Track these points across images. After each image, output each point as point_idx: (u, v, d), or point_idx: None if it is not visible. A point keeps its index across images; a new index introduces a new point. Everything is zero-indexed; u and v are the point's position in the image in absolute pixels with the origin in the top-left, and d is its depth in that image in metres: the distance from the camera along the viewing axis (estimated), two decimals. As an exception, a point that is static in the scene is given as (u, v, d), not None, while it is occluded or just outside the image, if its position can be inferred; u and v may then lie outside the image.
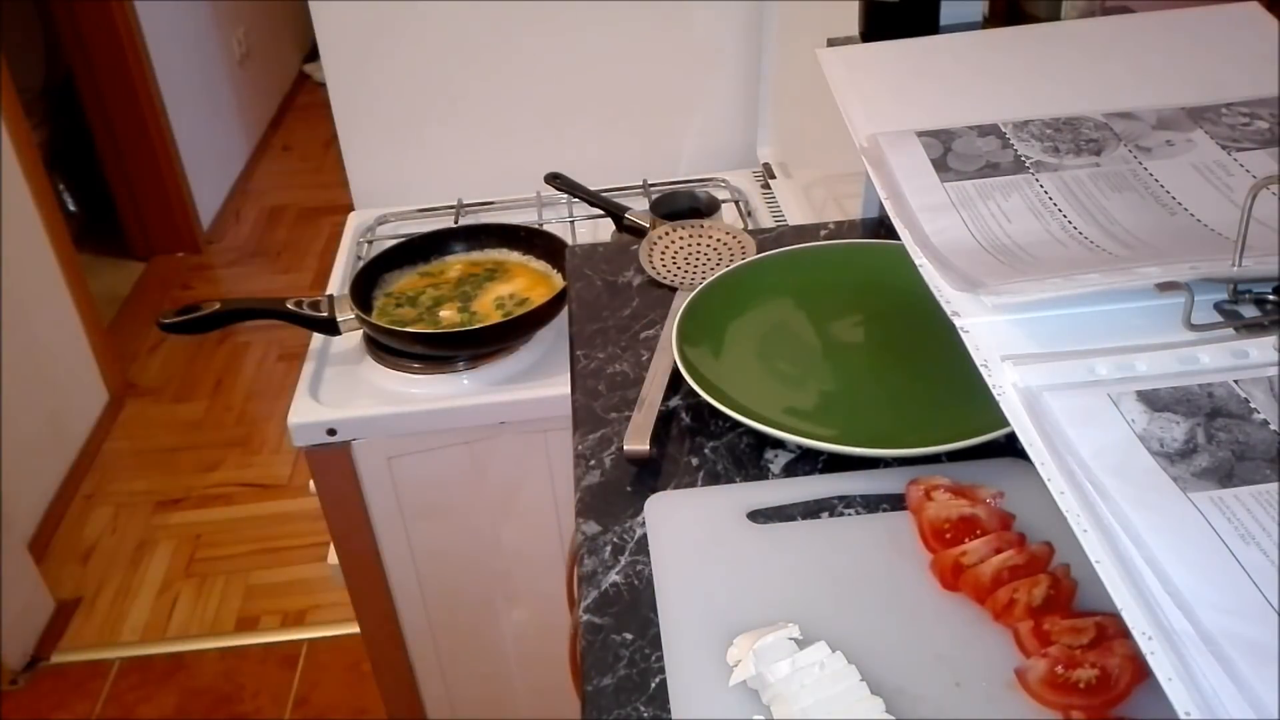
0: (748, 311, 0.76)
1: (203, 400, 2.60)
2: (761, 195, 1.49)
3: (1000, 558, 0.53)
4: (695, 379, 0.67)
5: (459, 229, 1.34)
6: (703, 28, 1.50)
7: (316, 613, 2.02)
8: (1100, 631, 0.48)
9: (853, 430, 0.65)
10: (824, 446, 0.63)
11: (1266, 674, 0.38)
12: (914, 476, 0.60)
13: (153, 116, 2.91)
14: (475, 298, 1.22)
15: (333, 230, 3.14)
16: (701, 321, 0.74)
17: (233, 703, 1.86)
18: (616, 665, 0.53)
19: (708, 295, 0.76)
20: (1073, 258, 0.59)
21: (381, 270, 1.26)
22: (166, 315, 1.16)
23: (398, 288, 1.26)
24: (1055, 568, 0.53)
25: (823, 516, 0.60)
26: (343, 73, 1.50)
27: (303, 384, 1.19)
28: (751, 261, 0.80)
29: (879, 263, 0.78)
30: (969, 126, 0.71)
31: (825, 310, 0.76)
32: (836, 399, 0.69)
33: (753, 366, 0.71)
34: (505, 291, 1.23)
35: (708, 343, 0.73)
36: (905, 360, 0.72)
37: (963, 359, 0.54)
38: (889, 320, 0.76)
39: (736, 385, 0.68)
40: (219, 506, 2.29)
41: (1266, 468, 0.46)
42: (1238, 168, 0.65)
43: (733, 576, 0.56)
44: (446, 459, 1.20)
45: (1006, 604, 0.51)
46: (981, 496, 0.58)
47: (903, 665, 0.50)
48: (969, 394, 0.58)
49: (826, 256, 0.81)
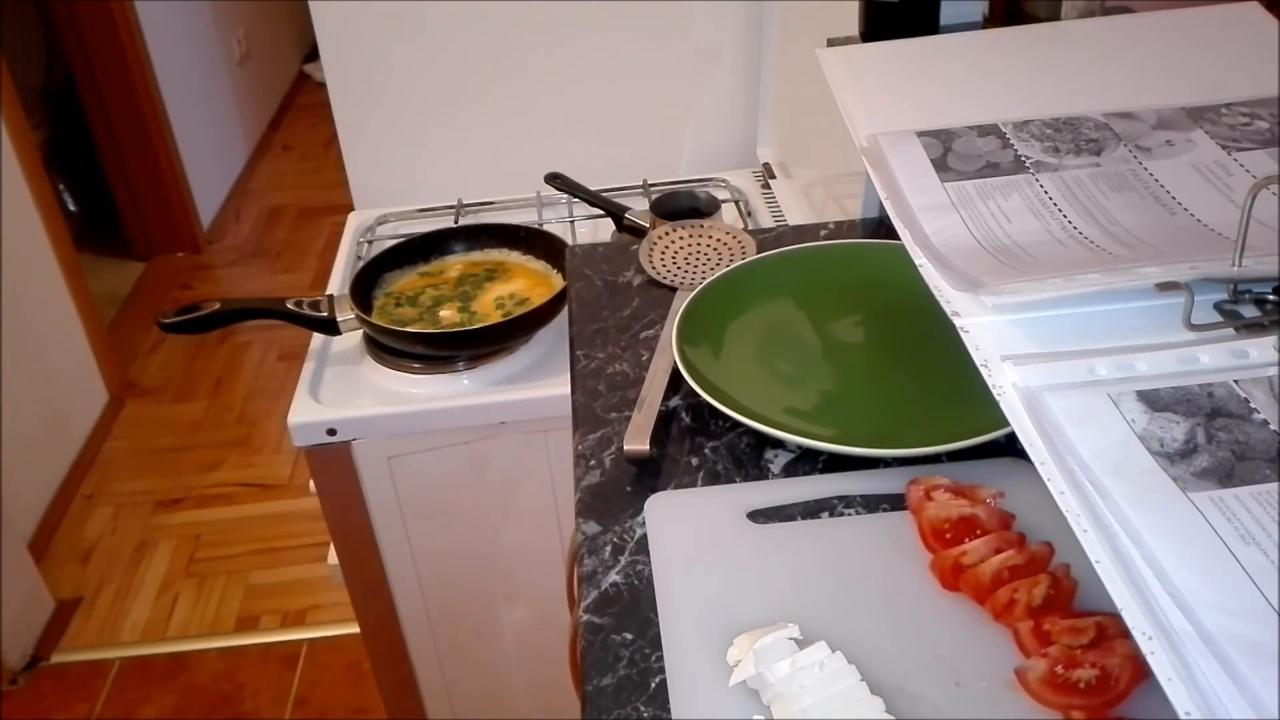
0: (747, 311, 0.76)
1: (203, 400, 2.60)
2: (761, 195, 1.49)
3: (1000, 558, 0.53)
4: (695, 379, 0.67)
5: (459, 229, 1.34)
6: (703, 28, 1.50)
7: (316, 613, 2.02)
8: (1100, 631, 0.48)
9: (853, 430, 0.65)
10: (824, 446, 0.63)
11: (1266, 674, 0.38)
12: (914, 476, 0.60)
13: (153, 116, 2.91)
14: (475, 298, 1.22)
15: (333, 230, 3.15)
16: (701, 322, 0.74)
17: (233, 703, 1.86)
18: (616, 665, 0.53)
19: (708, 295, 0.76)
20: (1073, 258, 0.59)
21: (381, 270, 1.26)
22: (166, 315, 1.16)
23: (398, 287, 1.26)
24: (1055, 567, 0.53)
25: (823, 516, 0.60)
26: (343, 73, 1.50)
27: (303, 384, 1.19)
28: (751, 261, 0.80)
29: (879, 263, 0.78)
30: (969, 126, 0.71)
31: (825, 310, 0.76)
32: (836, 399, 0.69)
33: (753, 366, 0.71)
34: (505, 291, 1.23)
35: (708, 343, 0.73)
36: (905, 360, 0.72)
37: (963, 359, 0.54)
38: (889, 320, 0.76)
39: (736, 385, 0.68)
40: (219, 506, 2.29)
41: (1266, 468, 0.46)
42: (1238, 168, 0.65)
43: (733, 576, 0.56)
44: (446, 459, 1.20)
45: (1006, 604, 0.51)
46: (981, 496, 0.58)
47: (903, 665, 0.50)
48: (969, 394, 0.58)
49: (826, 256, 0.81)
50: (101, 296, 2.67)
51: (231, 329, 2.80)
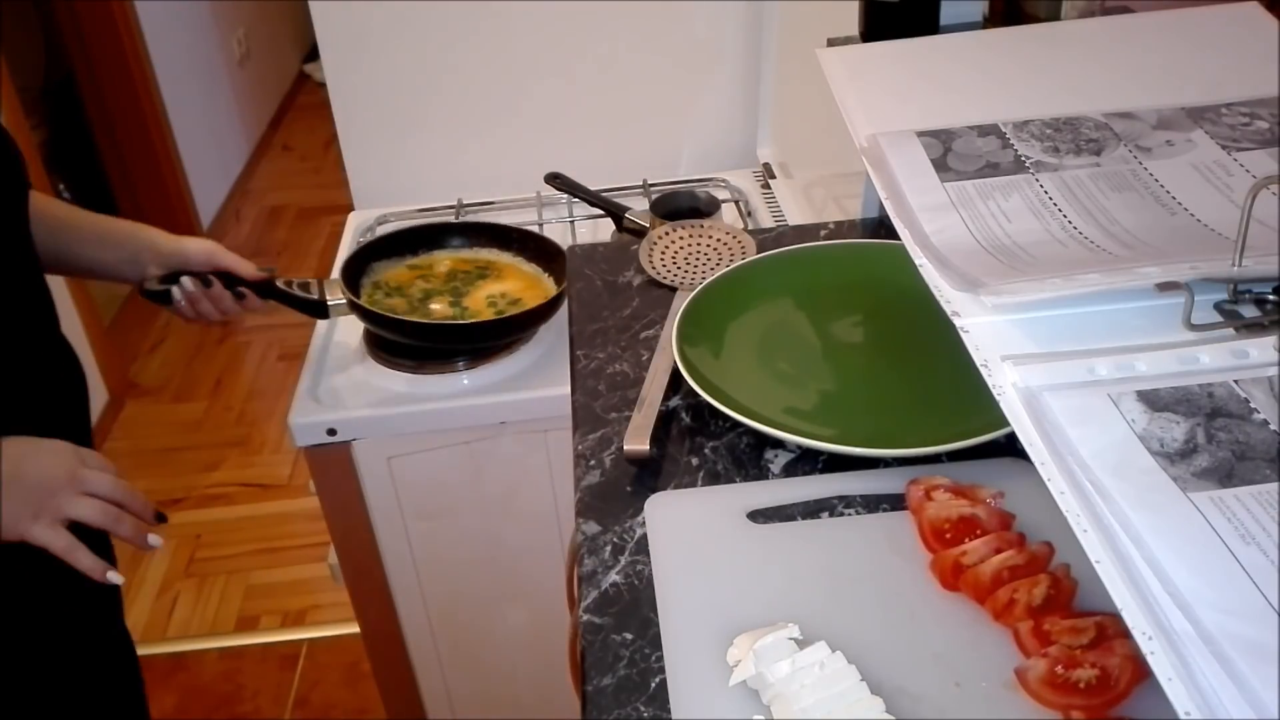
0: (747, 312, 0.76)
1: (203, 400, 2.60)
2: (761, 195, 1.49)
3: (1000, 558, 0.53)
4: (695, 379, 0.67)
5: (451, 224, 1.33)
6: (703, 28, 1.50)
7: (316, 613, 2.02)
8: (1100, 631, 0.48)
9: (852, 430, 0.65)
10: (824, 446, 0.63)
11: (1266, 674, 0.38)
12: (914, 477, 0.60)
13: (153, 116, 2.91)
14: (466, 294, 1.22)
15: (333, 230, 3.14)
16: (701, 322, 0.74)
17: (233, 703, 1.86)
18: (616, 665, 0.53)
19: (707, 296, 0.76)
20: (1073, 258, 0.59)
21: (370, 259, 1.26)
22: (149, 282, 1.11)
23: (385, 277, 1.25)
24: (1055, 567, 0.53)
25: (822, 516, 0.60)
26: (343, 73, 1.50)
27: (303, 384, 1.19)
28: (751, 262, 0.80)
29: (878, 263, 0.78)
30: (969, 126, 0.71)
31: (824, 310, 0.76)
32: (835, 399, 0.69)
33: (752, 367, 0.71)
34: (497, 290, 1.23)
35: (707, 343, 0.73)
36: (904, 360, 0.72)
37: (962, 359, 0.54)
38: (888, 320, 0.76)
39: (736, 385, 0.68)
40: (219, 506, 2.29)
41: (1266, 468, 0.46)
42: (1238, 168, 0.65)
43: (733, 576, 0.56)
44: (446, 459, 1.20)
45: (1006, 604, 0.51)
46: (981, 496, 0.58)
47: (903, 665, 0.50)
48: (968, 394, 0.58)
49: (826, 256, 0.81)
50: (101, 296, 2.66)
51: (231, 329, 2.80)
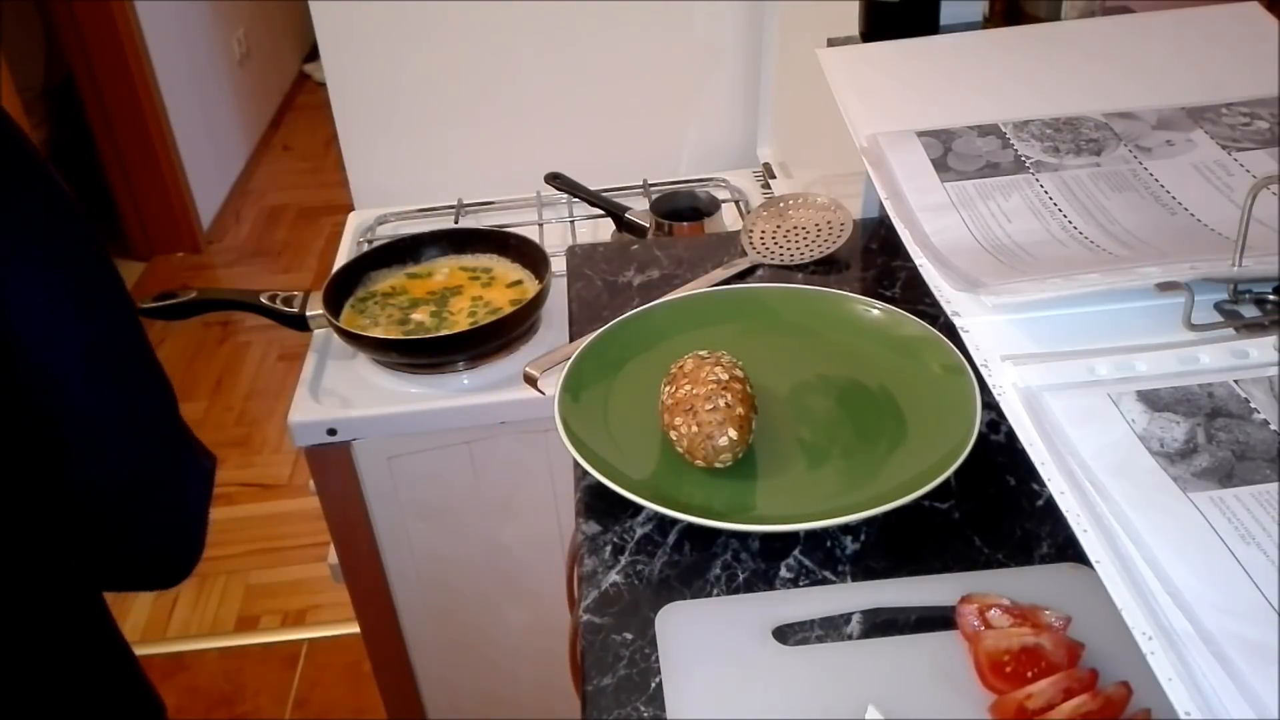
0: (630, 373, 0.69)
1: (203, 400, 2.60)
2: (762, 195, 1.49)
3: (1073, 704, 0.46)
4: (585, 455, 0.61)
5: (446, 232, 1.32)
6: (703, 28, 1.50)
7: (316, 613, 2.02)
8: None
9: (758, 505, 0.59)
10: (726, 527, 0.57)
11: (1266, 674, 0.38)
12: (964, 591, 0.52)
13: (153, 116, 2.90)
14: (451, 302, 1.22)
15: (333, 230, 3.14)
16: (585, 384, 0.68)
17: (233, 703, 1.86)
18: (616, 665, 0.53)
19: (587, 358, 0.70)
20: (1073, 258, 0.59)
21: (368, 268, 1.26)
22: (145, 301, 1.18)
23: (381, 287, 1.25)
24: (1134, 713, 0.46)
25: (853, 633, 0.53)
26: (343, 73, 1.50)
27: (303, 384, 1.19)
28: (639, 312, 0.74)
29: (768, 308, 0.74)
30: (969, 126, 0.71)
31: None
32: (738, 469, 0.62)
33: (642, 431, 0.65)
34: (481, 298, 1.22)
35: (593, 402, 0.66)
36: (814, 414, 0.66)
37: (889, 408, 0.52)
38: (789, 371, 0.69)
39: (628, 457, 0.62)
40: (219, 506, 2.27)
41: (1266, 468, 0.46)
42: (1238, 168, 0.65)
43: (758, 704, 0.50)
44: (446, 459, 1.20)
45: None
46: (1045, 622, 0.50)
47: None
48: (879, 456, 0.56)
49: (719, 304, 0.76)
50: (101, 296, 2.67)
51: (231, 329, 2.80)
